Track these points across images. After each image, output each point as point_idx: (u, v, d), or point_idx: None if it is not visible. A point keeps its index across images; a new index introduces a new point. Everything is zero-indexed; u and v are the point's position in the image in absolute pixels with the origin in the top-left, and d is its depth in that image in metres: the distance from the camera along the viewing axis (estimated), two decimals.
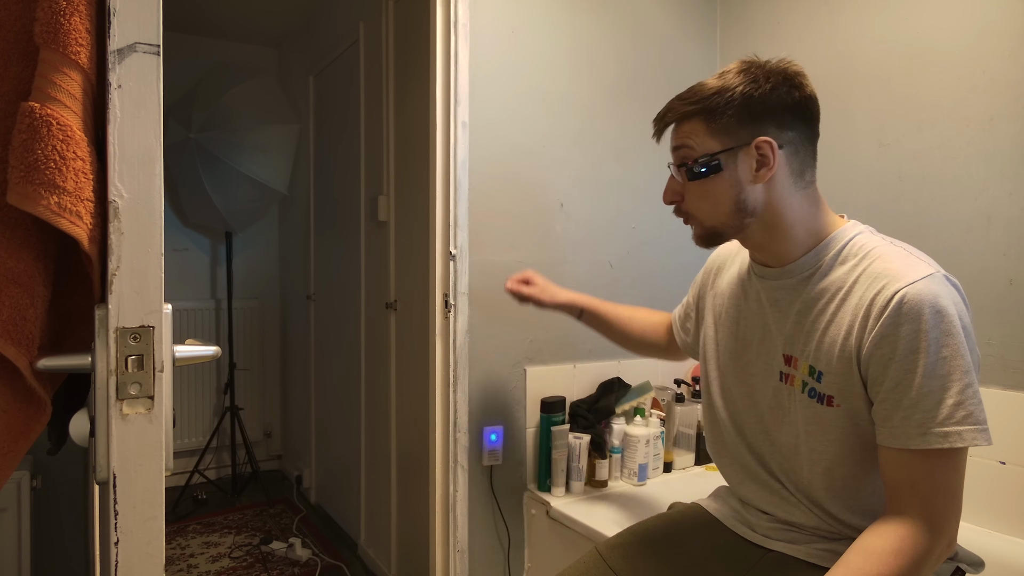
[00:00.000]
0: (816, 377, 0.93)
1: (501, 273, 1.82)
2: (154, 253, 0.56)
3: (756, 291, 1.03)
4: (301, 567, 2.46)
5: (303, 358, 3.24)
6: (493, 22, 1.79)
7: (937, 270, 0.87)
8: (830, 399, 0.91)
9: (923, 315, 0.82)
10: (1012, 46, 1.49)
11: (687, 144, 0.93)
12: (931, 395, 0.82)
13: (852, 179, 1.82)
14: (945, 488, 0.84)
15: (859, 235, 0.94)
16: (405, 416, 2.13)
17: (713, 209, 0.94)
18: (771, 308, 1.00)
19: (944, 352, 0.82)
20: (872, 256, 0.90)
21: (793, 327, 0.96)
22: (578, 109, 1.95)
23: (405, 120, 2.11)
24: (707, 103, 0.91)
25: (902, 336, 0.83)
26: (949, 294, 0.84)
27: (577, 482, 1.82)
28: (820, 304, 0.93)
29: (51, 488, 1.58)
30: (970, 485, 1.49)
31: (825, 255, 0.94)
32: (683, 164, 0.94)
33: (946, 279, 0.86)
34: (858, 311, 0.88)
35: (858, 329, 0.87)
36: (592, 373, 1.97)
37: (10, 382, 0.56)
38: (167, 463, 0.57)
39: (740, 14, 2.16)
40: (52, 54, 0.53)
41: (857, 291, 0.89)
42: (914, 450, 0.83)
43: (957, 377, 0.82)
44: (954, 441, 0.81)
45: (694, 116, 0.92)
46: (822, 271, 0.94)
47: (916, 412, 0.83)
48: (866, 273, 0.89)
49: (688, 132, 0.93)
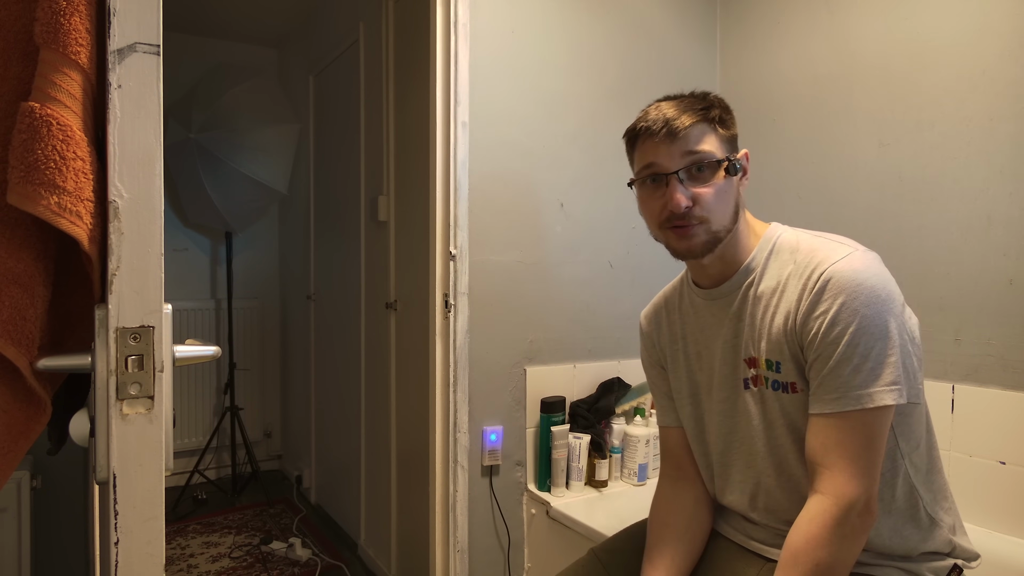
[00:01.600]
0: (775, 368, 0.97)
1: (501, 273, 1.82)
2: (154, 253, 0.56)
3: (709, 313, 1.06)
4: (301, 567, 2.46)
5: (303, 358, 3.24)
6: (493, 22, 1.79)
7: (856, 248, 0.94)
8: (792, 386, 0.96)
9: (844, 289, 0.89)
10: (1012, 46, 1.49)
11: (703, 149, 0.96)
12: (848, 361, 0.88)
13: (852, 179, 1.82)
14: (856, 454, 0.87)
15: (783, 233, 1.02)
16: (405, 416, 2.13)
17: (727, 210, 0.98)
18: (727, 321, 1.03)
19: (863, 323, 0.87)
20: (799, 248, 0.98)
21: (748, 330, 1.00)
22: (578, 109, 1.95)
23: (405, 120, 2.11)
24: (714, 111, 0.98)
25: (826, 311, 0.89)
26: (867, 267, 0.90)
27: (577, 482, 1.82)
28: (764, 301, 0.99)
29: (51, 488, 1.58)
30: (970, 485, 1.49)
31: (761, 256, 1.00)
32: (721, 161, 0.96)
33: (865, 253, 0.93)
34: (792, 296, 0.95)
35: (792, 312, 0.94)
36: (592, 373, 1.97)
37: (10, 382, 0.56)
38: (167, 463, 0.57)
39: (740, 14, 2.16)
40: (52, 54, 0.53)
41: (792, 280, 0.96)
42: (829, 414, 0.89)
43: (873, 344, 0.87)
44: (865, 402, 0.87)
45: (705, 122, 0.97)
46: (761, 272, 1.00)
47: (834, 379, 0.88)
48: (797, 263, 0.96)
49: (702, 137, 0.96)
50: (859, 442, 0.87)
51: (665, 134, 0.95)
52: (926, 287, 1.63)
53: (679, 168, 0.95)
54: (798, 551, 0.87)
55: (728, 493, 1.08)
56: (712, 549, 1.11)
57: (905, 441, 0.95)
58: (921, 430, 0.98)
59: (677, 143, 0.95)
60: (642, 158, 1.00)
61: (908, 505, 0.96)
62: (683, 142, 0.95)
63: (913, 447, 0.96)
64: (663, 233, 1.00)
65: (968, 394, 1.53)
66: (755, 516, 1.05)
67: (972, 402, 1.53)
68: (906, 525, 0.96)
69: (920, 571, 0.97)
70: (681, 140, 0.95)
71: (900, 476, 0.95)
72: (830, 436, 0.89)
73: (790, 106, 1.99)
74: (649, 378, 1.21)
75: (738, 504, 1.07)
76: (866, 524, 0.88)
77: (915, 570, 0.96)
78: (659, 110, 0.98)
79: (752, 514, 1.05)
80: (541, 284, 1.89)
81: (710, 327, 1.06)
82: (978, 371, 1.54)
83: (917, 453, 0.97)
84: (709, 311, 1.06)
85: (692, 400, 1.11)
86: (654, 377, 1.19)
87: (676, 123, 0.95)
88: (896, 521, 0.96)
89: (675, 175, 0.95)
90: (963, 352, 1.57)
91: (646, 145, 0.98)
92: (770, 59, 2.05)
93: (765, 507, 1.03)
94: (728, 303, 1.03)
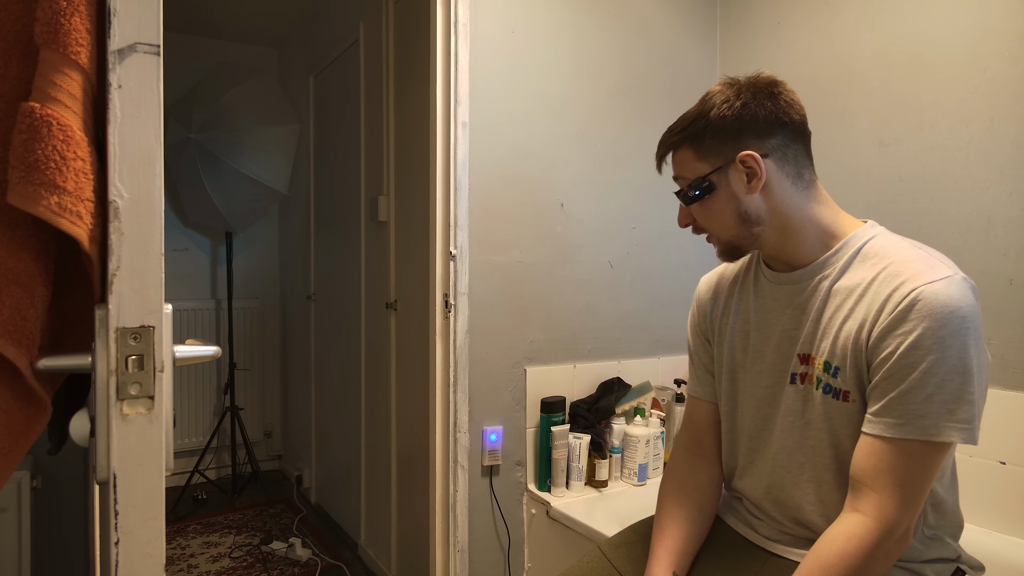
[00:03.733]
0: (832, 373, 0.94)
1: (501, 273, 1.82)
2: (154, 253, 0.56)
3: (772, 297, 1.04)
4: (301, 567, 2.46)
5: (303, 358, 3.24)
6: (493, 22, 1.79)
7: (956, 272, 0.87)
8: (846, 394, 0.92)
9: (933, 314, 0.83)
10: (1012, 46, 1.49)
11: (681, 174, 1.01)
12: (921, 389, 0.83)
13: (852, 179, 1.82)
14: (907, 482, 0.85)
15: (878, 236, 0.96)
16: (405, 416, 2.13)
17: (721, 225, 0.99)
18: (791, 311, 1.00)
19: (947, 353, 0.83)
20: (892, 256, 0.91)
21: (811, 326, 0.97)
22: (578, 109, 1.95)
23: (405, 120, 2.11)
24: (689, 130, 0.98)
25: (909, 332, 0.84)
26: (963, 296, 0.84)
27: (577, 482, 1.82)
28: (837, 301, 0.94)
29: (51, 488, 1.58)
30: (970, 485, 1.49)
31: (843, 255, 0.96)
32: (680, 191, 1.02)
33: (964, 281, 0.87)
34: (872, 306, 0.89)
35: (870, 322, 0.89)
36: (592, 373, 1.97)
37: (10, 382, 0.56)
38: (167, 463, 0.57)
39: (740, 14, 2.16)
40: (52, 54, 0.53)
41: (874, 288, 0.90)
42: (887, 438, 0.85)
43: (953, 377, 0.83)
44: (932, 434, 0.83)
45: (682, 145, 0.99)
46: (840, 270, 0.95)
47: (902, 403, 0.85)
48: (885, 271, 0.90)
49: (680, 161, 1.01)
50: (915, 472, 0.85)
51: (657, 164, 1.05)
52: None
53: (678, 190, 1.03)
54: (829, 565, 0.85)
55: (746, 477, 1.08)
56: (717, 538, 1.11)
57: None
58: (951, 460, 0.97)
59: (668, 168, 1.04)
60: None
61: None
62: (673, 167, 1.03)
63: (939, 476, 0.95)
64: None
65: None
66: (765, 506, 1.05)
67: None
68: None
69: (924, 571, 0.97)
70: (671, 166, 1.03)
71: None
72: (884, 459, 0.86)
73: None
74: (691, 345, 1.20)
75: (750, 491, 1.07)
76: (901, 550, 0.87)
77: (919, 570, 0.96)
78: None
79: (763, 503, 1.05)
80: (541, 284, 1.89)
81: (770, 310, 1.04)
82: None
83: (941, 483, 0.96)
84: (772, 295, 1.04)
85: (730, 377, 1.10)
86: (696, 346, 1.18)
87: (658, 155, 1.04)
88: None
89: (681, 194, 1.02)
90: None
91: None
92: (770, 59, 2.05)
93: (777, 500, 1.02)
94: (795, 292, 1.00)
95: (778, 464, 1.02)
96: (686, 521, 1.08)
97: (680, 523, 1.08)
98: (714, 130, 0.95)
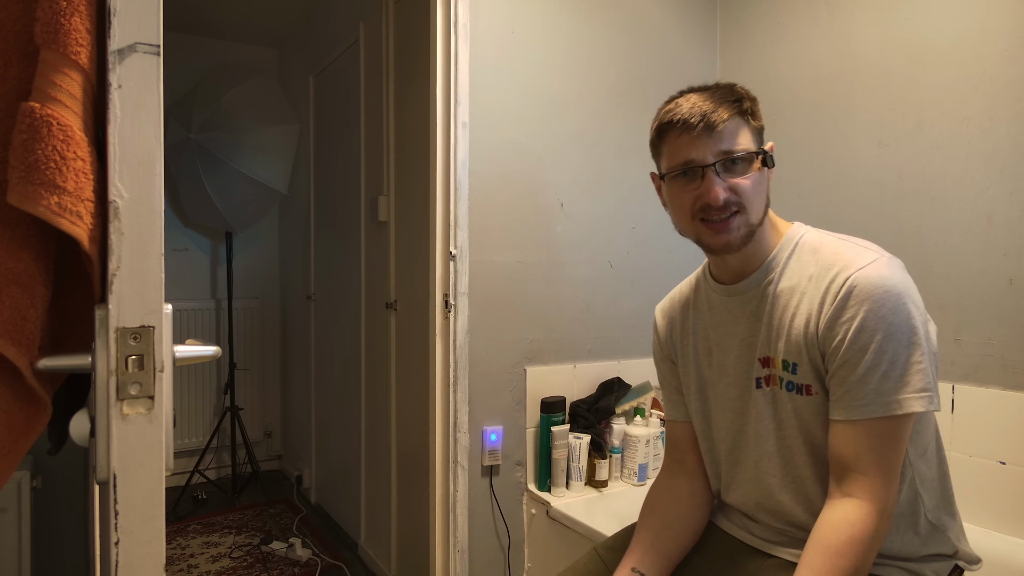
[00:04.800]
0: (791, 370, 0.97)
1: (501, 273, 1.82)
2: (154, 253, 0.56)
3: (726, 310, 1.06)
4: (301, 567, 2.46)
5: (303, 358, 3.24)
6: (493, 22, 1.79)
7: (882, 254, 0.93)
8: (808, 388, 0.95)
9: (871, 296, 0.88)
10: (1012, 46, 1.49)
11: (740, 142, 0.95)
12: (876, 368, 0.87)
13: (852, 179, 1.82)
14: (886, 459, 0.88)
15: (806, 234, 1.01)
16: (405, 416, 2.13)
17: (761, 201, 0.98)
18: (745, 319, 1.03)
19: (892, 329, 0.87)
20: (822, 251, 0.97)
21: (765, 329, 1.00)
22: (578, 109, 1.95)
23: (405, 120, 2.11)
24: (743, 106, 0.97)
25: (852, 317, 0.89)
26: (893, 274, 0.90)
27: (577, 482, 1.82)
28: (783, 301, 0.98)
29: (51, 488, 1.58)
30: (970, 485, 1.49)
31: (782, 257, 1.00)
32: (756, 153, 0.96)
33: (891, 260, 0.92)
34: (814, 300, 0.94)
35: (815, 316, 0.93)
36: (592, 373, 1.97)
37: (11, 382, 0.56)
38: (167, 463, 0.57)
39: (740, 14, 2.16)
40: (52, 54, 0.53)
41: (813, 283, 0.95)
42: (857, 421, 0.88)
43: (902, 351, 0.87)
44: (895, 409, 0.87)
45: (739, 116, 0.96)
46: (780, 272, 0.99)
47: (862, 386, 0.88)
48: (820, 266, 0.95)
49: (738, 131, 0.96)
50: (889, 448, 0.88)
51: (703, 128, 0.94)
52: (926, 287, 1.63)
53: (716, 161, 0.94)
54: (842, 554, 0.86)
55: (733, 491, 1.08)
56: (713, 544, 1.11)
57: (913, 447, 0.95)
58: (929, 436, 0.98)
59: (714, 137, 0.94)
60: (675, 152, 0.97)
61: (910, 511, 0.96)
62: (719, 135, 0.94)
63: (920, 453, 0.96)
64: (694, 226, 0.98)
65: (968, 394, 1.53)
66: (759, 516, 1.05)
67: (972, 402, 1.53)
68: (907, 531, 0.96)
69: (922, 571, 0.97)
70: (718, 134, 0.94)
71: (906, 482, 0.95)
72: (861, 442, 0.88)
73: (790, 106, 1.99)
74: (659, 372, 1.21)
75: (741, 503, 1.08)
76: (888, 529, 0.90)
77: (916, 569, 0.96)
78: (691, 103, 0.96)
79: (756, 513, 1.06)
80: (541, 284, 1.89)
81: (726, 324, 1.06)
82: (978, 371, 1.54)
83: (924, 459, 0.97)
84: (726, 307, 1.06)
85: (700, 396, 1.11)
86: (664, 371, 1.19)
87: (714, 116, 0.94)
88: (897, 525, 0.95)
89: (712, 168, 0.94)
90: (963, 352, 1.57)
91: (681, 139, 0.95)
92: (770, 59, 2.05)
93: (767, 508, 1.03)
94: (746, 300, 1.02)
95: (760, 472, 1.02)
96: (657, 524, 1.09)
97: (650, 528, 1.09)
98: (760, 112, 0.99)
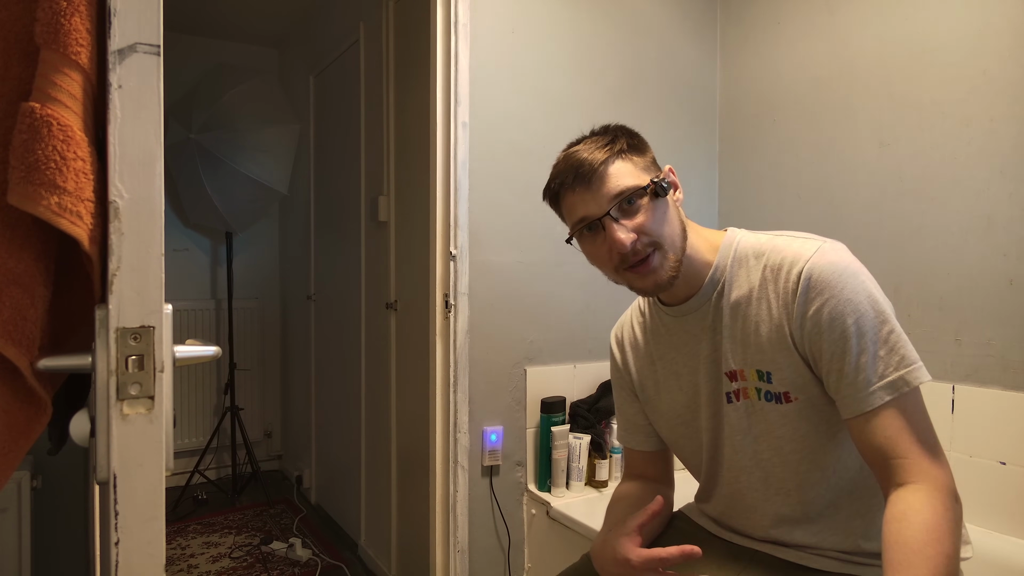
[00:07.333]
0: (767, 379, 0.94)
1: (501, 273, 1.82)
2: (154, 253, 0.56)
3: (684, 331, 1.03)
4: (301, 567, 2.46)
5: (303, 358, 3.24)
6: (493, 22, 1.79)
7: (823, 240, 0.92)
8: (786, 395, 0.93)
9: (828, 282, 0.88)
10: (1012, 46, 1.49)
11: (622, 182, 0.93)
12: (865, 351, 0.86)
13: (852, 179, 1.82)
14: (920, 435, 0.84)
15: (742, 237, 1.00)
16: (405, 416, 2.13)
17: (673, 229, 0.95)
18: (705, 336, 1.00)
19: (860, 308, 0.86)
20: (764, 251, 0.95)
21: (728, 343, 0.97)
22: (578, 109, 1.95)
23: (405, 120, 2.11)
24: (616, 146, 0.95)
25: (820, 308, 0.88)
26: (841, 257, 0.90)
27: (577, 482, 1.82)
28: (741, 311, 0.96)
29: (51, 488, 1.58)
30: (970, 485, 1.49)
31: (724, 265, 0.98)
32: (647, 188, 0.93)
33: (833, 244, 0.92)
34: (775, 303, 0.92)
35: (785, 318, 0.91)
36: (592, 373, 1.97)
37: (11, 382, 0.56)
38: (167, 463, 0.57)
39: (740, 14, 2.16)
40: (52, 54, 0.53)
41: (767, 286, 0.93)
42: (872, 411, 0.85)
43: (878, 326, 0.86)
44: (901, 387, 0.85)
45: (615, 157, 0.94)
46: (729, 281, 0.98)
47: (859, 373, 0.86)
48: (768, 267, 0.94)
49: (619, 172, 0.93)
50: (916, 422, 0.84)
51: (582, 182, 0.93)
52: (926, 287, 1.63)
53: (609, 208, 0.92)
54: (924, 545, 0.76)
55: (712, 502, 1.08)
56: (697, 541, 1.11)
57: None
58: None
59: (595, 186, 0.93)
60: (571, 213, 0.97)
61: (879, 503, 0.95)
62: (600, 183, 0.93)
63: None
64: (622, 276, 0.97)
65: (968, 394, 1.53)
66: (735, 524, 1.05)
67: (972, 402, 1.53)
68: None
69: None
70: (599, 182, 0.93)
71: None
72: (888, 427, 0.84)
73: (790, 106, 1.99)
74: (615, 397, 1.20)
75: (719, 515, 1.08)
76: (955, 502, 0.82)
77: None
78: (567, 161, 0.96)
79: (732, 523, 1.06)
80: (541, 284, 1.89)
81: (686, 344, 1.03)
82: (978, 371, 1.54)
83: None
84: (682, 328, 1.03)
85: (678, 421, 1.08)
86: (621, 399, 1.18)
87: (587, 168, 0.93)
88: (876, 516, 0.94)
89: (608, 216, 0.92)
90: (963, 352, 1.57)
91: (569, 199, 0.96)
92: (770, 59, 2.05)
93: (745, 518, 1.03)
94: (700, 317, 1.00)
95: (741, 487, 1.01)
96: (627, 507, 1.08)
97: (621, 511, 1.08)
98: (643, 143, 0.99)
